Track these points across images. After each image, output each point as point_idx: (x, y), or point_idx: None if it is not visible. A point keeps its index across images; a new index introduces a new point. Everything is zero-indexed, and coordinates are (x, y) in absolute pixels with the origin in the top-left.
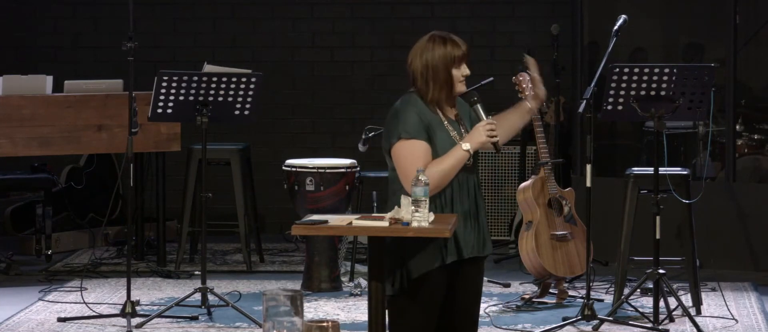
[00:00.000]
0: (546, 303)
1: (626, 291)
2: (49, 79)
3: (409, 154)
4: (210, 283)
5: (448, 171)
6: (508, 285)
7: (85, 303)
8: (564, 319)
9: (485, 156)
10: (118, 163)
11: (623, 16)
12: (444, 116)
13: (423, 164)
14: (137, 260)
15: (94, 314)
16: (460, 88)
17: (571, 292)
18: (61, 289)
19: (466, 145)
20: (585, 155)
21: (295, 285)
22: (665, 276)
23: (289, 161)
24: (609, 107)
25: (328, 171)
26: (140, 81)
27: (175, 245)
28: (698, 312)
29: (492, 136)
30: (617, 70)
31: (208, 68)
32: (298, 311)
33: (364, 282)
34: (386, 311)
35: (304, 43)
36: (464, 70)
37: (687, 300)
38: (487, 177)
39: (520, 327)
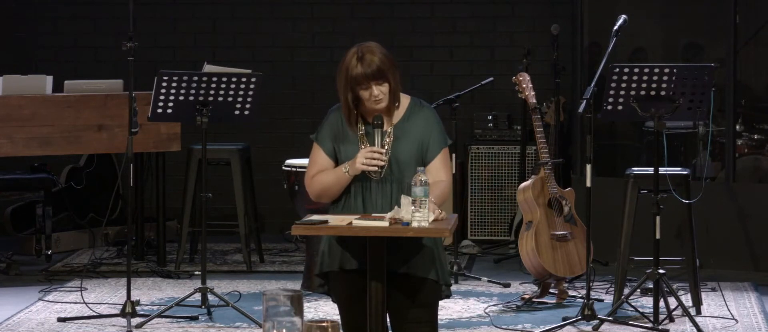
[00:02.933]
0: (546, 303)
1: (626, 291)
2: (49, 79)
3: (311, 157)
4: (210, 283)
5: (328, 186)
6: (508, 285)
7: (85, 303)
8: (564, 319)
9: (485, 156)
10: (118, 163)
11: (623, 16)
12: (362, 129)
13: (316, 169)
14: (137, 260)
15: (94, 314)
16: (371, 105)
17: (571, 292)
18: (61, 289)
19: (345, 167)
20: (585, 155)
21: (295, 285)
22: (665, 276)
23: (289, 161)
24: (609, 107)
25: None
26: (140, 81)
27: (175, 245)
28: (698, 312)
29: (368, 165)
30: (617, 70)
31: (208, 68)
32: (298, 311)
33: None
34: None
35: (304, 43)
36: (372, 90)
37: (687, 300)
38: (487, 177)
39: (520, 327)
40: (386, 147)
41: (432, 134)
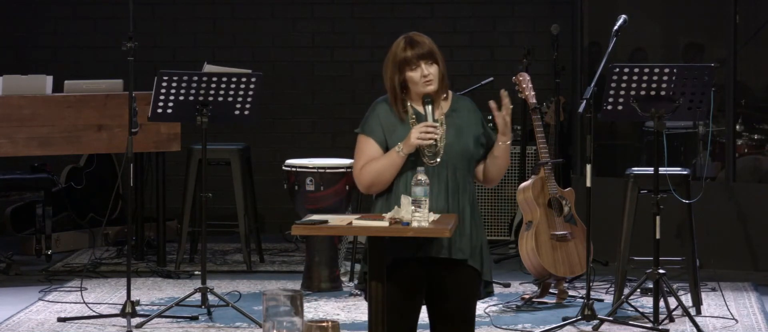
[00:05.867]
0: (546, 303)
1: (626, 291)
2: (49, 79)
3: (358, 149)
4: (210, 283)
5: (381, 171)
6: (508, 285)
7: (85, 303)
8: (564, 319)
9: None
10: (118, 163)
11: (623, 16)
12: (414, 116)
13: (365, 160)
14: (137, 260)
15: (94, 314)
16: (422, 88)
17: (571, 292)
18: (61, 289)
19: (398, 147)
20: (585, 155)
21: (295, 285)
22: (665, 276)
23: (289, 161)
24: (609, 107)
25: (328, 171)
26: (140, 81)
27: (175, 245)
28: (698, 312)
29: (423, 139)
30: (617, 70)
31: (208, 68)
32: (298, 311)
33: None
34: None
35: (304, 43)
36: (423, 69)
37: (687, 300)
38: None
39: (520, 327)
40: (440, 122)
41: (487, 130)
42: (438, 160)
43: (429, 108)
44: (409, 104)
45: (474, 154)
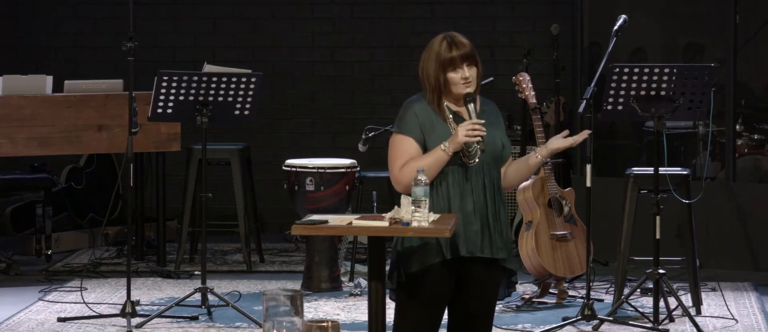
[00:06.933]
0: (546, 303)
1: (626, 291)
2: (49, 79)
3: (396, 149)
4: (210, 283)
5: (425, 169)
6: None
7: (85, 303)
8: (564, 319)
9: None
10: (118, 163)
11: (623, 16)
12: (450, 115)
13: (405, 159)
14: (137, 260)
15: (94, 314)
16: (461, 89)
17: (571, 292)
18: (61, 289)
19: (444, 145)
20: (585, 155)
21: (295, 285)
22: (665, 276)
23: (289, 161)
24: (609, 107)
25: (328, 171)
26: (140, 81)
27: (175, 245)
28: (698, 312)
29: (471, 136)
30: (617, 70)
31: (208, 68)
32: (298, 311)
33: (364, 282)
34: (389, 307)
35: (304, 43)
36: (464, 71)
37: (687, 300)
38: None
39: (520, 327)
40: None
41: (505, 136)
42: (476, 159)
43: (471, 106)
44: (445, 104)
45: (503, 156)
